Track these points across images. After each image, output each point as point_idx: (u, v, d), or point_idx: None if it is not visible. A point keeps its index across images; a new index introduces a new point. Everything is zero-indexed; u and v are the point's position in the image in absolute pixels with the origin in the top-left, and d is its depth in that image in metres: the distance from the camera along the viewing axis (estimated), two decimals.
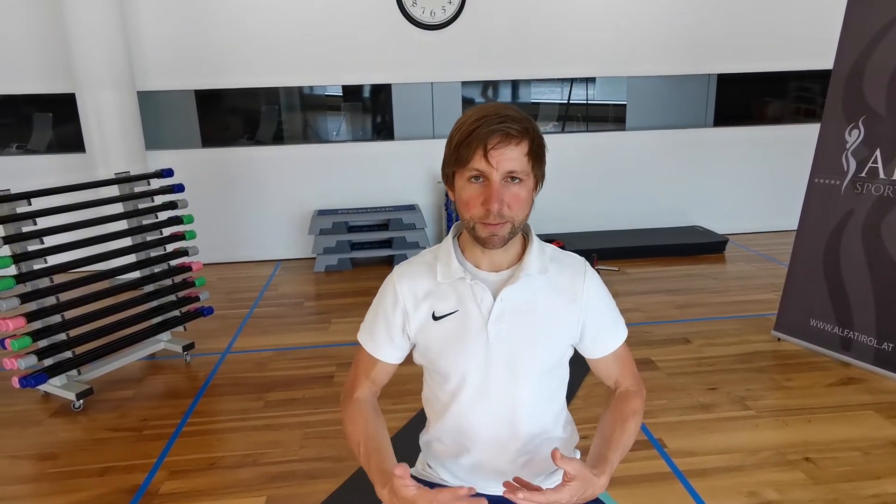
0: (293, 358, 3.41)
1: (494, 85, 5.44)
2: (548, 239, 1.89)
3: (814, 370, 3.09)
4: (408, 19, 5.04)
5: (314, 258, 5.11)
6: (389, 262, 5.15)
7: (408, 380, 2.94)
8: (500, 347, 1.16)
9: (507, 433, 1.20)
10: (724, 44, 5.37)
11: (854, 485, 2.22)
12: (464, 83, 5.31)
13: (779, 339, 3.42)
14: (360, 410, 1.21)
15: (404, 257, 5.08)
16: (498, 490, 1.24)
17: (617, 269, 4.81)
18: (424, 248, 5.09)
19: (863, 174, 3.04)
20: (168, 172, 3.38)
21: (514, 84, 5.45)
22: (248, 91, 5.13)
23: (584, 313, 1.20)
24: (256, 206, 5.28)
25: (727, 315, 3.83)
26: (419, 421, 1.43)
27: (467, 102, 5.39)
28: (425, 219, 5.25)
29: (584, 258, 1.23)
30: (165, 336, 3.42)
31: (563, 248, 1.60)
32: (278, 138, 5.32)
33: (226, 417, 2.81)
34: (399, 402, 2.77)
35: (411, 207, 5.24)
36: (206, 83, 5.02)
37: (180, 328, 3.46)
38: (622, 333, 1.26)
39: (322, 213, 5.15)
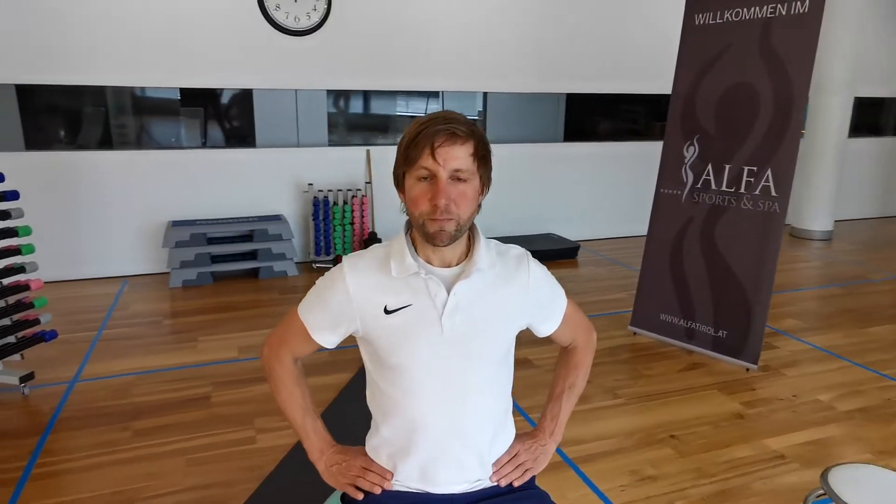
0: (159, 381, 3.09)
1: (346, 95, 5.38)
2: None
3: (666, 358, 3.48)
4: (270, 23, 4.86)
5: (168, 273, 4.68)
6: (255, 275, 4.89)
7: (317, 391, 2.81)
8: (454, 339, 1.18)
9: (459, 428, 1.22)
10: (572, 66, 5.88)
11: (712, 454, 2.55)
12: (329, 91, 5.23)
13: (635, 333, 3.80)
14: (296, 373, 1.31)
15: (271, 269, 4.86)
16: (450, 489, 1.24)
17: None
18: (292, 259, 4.93)
19: (699, 185, 3.50)
20: None
21: (367, 95, 5.46)
22: (86, 89, 4.59)
23: (532, 298, 1.28)
24: (97, 218, 4.72)
25: (587, 314, 4.16)
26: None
27: (330, 112, 5.32)
28: (292, 229, 5.07)
29: (524, 248, 1.30)
30: None
31: None
32: (107, 143, 4.78)
33: (86, 453, 2.47)
34: None
35: (277, 217, 5.03)
36: (30, 78, 4.40)
37: (16, 357, 2.98)
38: (563, 301, 1.36)
39: (177, 224, 4.75)
